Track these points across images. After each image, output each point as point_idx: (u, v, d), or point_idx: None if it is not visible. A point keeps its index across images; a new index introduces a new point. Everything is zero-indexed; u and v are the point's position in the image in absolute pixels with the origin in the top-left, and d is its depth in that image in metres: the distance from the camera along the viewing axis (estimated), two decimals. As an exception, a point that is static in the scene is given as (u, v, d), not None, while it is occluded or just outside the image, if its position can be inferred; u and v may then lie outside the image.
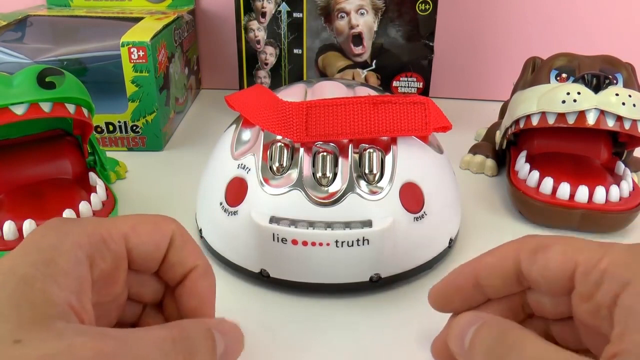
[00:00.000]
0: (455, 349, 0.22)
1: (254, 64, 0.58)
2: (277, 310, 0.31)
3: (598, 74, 0.38)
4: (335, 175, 0.31)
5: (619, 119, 0.37)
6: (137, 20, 0.55)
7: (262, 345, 0.29)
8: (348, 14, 0.55)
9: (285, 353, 0.29)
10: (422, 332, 0.30)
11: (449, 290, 0.25)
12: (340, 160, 0.32)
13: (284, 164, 0.32)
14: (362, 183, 0.31)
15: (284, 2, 0.55)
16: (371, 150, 0.32)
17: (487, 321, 0.21)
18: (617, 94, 0.37)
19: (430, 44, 0.55)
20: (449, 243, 0.35)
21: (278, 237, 0.30)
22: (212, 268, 0.24)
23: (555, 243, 0.21)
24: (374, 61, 0.57)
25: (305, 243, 0.30)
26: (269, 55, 0.57)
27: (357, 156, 0.32)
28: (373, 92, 0.37)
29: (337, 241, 0.30)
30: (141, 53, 0.48)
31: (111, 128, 0.50)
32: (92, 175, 0.39)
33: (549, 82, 0.42)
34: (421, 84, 0.57)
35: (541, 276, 0.21)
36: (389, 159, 0.32)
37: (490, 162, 0.48)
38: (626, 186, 0.39)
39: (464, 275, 0.24)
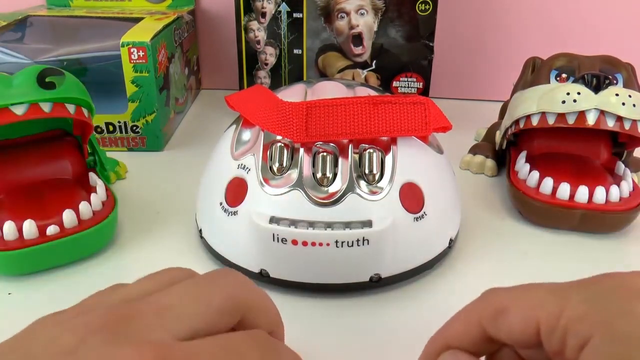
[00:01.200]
0: None
1: (254, 64, 0.58)
2: (277, 311, 0.31)
3: (598, 74, 0.38)
4: (335, 175, 0.31)
5: (619, 119, 0.37)
6: (137, 20, 0.55)
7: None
8: (348, 14, 0.55)
9: (285, 353, 0.29)
10: (422, 332, 0.30)
11: None
12: (340, 160, 0.32)
13: (284, 164, 0.32)
14: (362, 183, 0.31)
15: (284, 2, 0.55)
16: (371, 151, 0.32)
17: None
18: (617, 94, 0.37)
19: (430, 44, 0.55)
20: (449, 243, 0.35)
21: (278, 237, 0.30)
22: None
23: (513, 303, 0.21)
24: (374, 61, 0.57)
25: (305, 243, 0.30)
26: (269, 55, 0.57)
27: (357, 156, 0.32)
28: (373, 92, 0.37)
29: (337, 241, 0.30)
30: (141, 53, 0.48)
31: (111, 128, 0.50)
32: (92, 176, 0.39)
33: (549, 82, 0.42)
34: (421, 84, 0.57)
35: (509, 340, 0.21)
36: (389, 159, 0.32)
37: (490, 163, 0.48)
38: (626, 186, 0.39)
39: (437, 349, 0.23)
